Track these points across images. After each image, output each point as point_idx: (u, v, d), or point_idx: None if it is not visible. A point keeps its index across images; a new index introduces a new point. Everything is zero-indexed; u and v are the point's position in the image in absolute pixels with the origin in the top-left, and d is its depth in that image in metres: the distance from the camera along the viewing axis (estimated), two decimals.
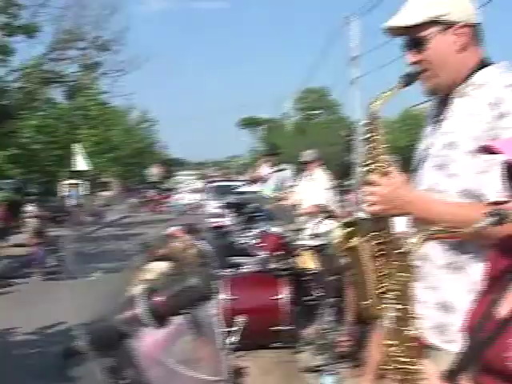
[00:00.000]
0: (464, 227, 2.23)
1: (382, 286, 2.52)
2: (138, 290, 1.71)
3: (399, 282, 1.74)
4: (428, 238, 1.68)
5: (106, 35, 22.83)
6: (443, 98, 2.57)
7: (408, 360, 1.74)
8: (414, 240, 1.67)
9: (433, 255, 2.48)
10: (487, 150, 1.76)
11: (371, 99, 2.47)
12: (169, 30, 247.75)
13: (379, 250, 2.51)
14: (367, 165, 2.47)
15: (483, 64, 2.48)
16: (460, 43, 2.45)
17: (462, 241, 2.39)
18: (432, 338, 2.47)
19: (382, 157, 2.44)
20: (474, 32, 2.48)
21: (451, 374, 1.88)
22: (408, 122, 39.81)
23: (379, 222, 2.48)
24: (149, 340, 1.96)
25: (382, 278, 2.52)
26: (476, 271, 2.34)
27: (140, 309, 1.64)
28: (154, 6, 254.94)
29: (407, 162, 2.83)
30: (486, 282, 1.93)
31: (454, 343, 2.28)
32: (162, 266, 3.49)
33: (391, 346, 1.79)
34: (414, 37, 2.48)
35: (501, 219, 1.61)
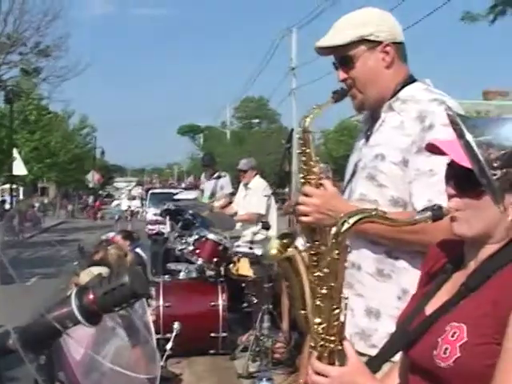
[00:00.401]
0: (395, 237, 2.31)
1: (318, 296, 2.54)
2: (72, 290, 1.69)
3: (330, 261, 1.76)
4: (362, 220, 1.68)
5: (47, 41, 22.42)
6: (373, 112, 2.66)
7: (332, 338, 1.77)
8: (349, 220, 1.66)
9: (362, 263, 2.53)
10: (432, 150, 1.82)
11: (303, 115, 2.54)
12: (110, 35, 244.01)
13: (314, 261, 2.50)
14: (301, 178, 2.53)
15: (409, 80, 2.59)
16: (387, 60, 2.55)
17: (390, 249, 2.46)
18: (356, 344, 2.42)
19: (314, 169, 2.50)
20: (399, 50, 2.58)
21: (375, 362, 1.94)
22: (344, 133, 40.23)
23: (314, 233, 2.50)
24: (82, 339, 1.94)
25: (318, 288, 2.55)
26: (404, 279, 2.43)
27: (72, 306, 1.62)
28: (97, 11, 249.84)
29: (342, 170, 2.90)
30: (424, 278, 1.98)
31: (374, 348, 2.33)
32: (98, 271, 3.48)
33: (318, 324, 1.82)
34: (342, 55, 2.57)
35: (440, 213, 1.67)
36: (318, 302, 1.86)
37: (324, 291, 1.82)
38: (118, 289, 1.62)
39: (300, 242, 2.55)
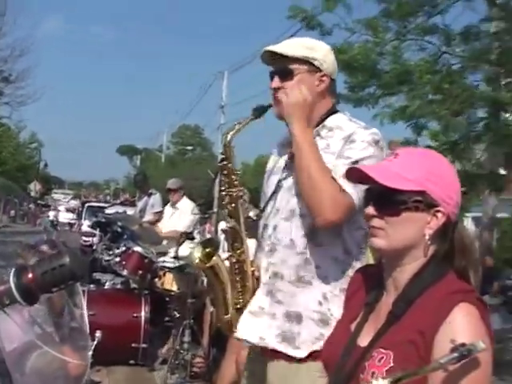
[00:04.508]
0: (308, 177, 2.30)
1: (240, 301, 2.53)
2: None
3: None
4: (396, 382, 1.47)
5: (13, 71, 24.22)
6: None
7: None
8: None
9: (285, 272, 2.45)
10: (355, 175, 1.80)
11: (225, 130, 2.54)
12: (56, 56, 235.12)
13: (236, 269, 2.53)
14: (222, 190, 2.52)
15: (333, 110, 2.57)
16: (320, 87, 2.52)
17: (309, 257, 2.41)
18: (279, 346, 2.41)
19: (235, 183, 2.50)
20: (332, 85, 2.57)
21: None
22: (258, 168, 41.02)
23: (234, 242, 2.51)
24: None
25: (240, 294, 2.54)
26: (324, 285, 2.39)
27: (10, 283, 1.54)
28: (51, 26, 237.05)
29: (254, 199, 2.90)
30: (347, 303, 1.96)
31: (299, 350, 2.36)
32: None
33: None
34: (285, 66, 2.50)
35: (466, 354, 1.44)
36: None
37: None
38: (58, 269, 1.54)
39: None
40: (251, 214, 2.89)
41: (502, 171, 11.13)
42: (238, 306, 2.53)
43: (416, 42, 8.47)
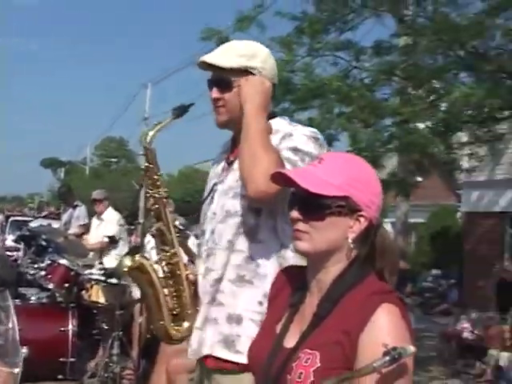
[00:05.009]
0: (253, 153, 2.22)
1: (175, 306, 2.46)
2: None
3: None
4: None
5: None
6: (234, 140, 2.52)
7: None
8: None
9: (224, 274, 2.36)
10: (280, 179, 1.80)
11: (144, 131, 2.47)
12: None
13: (168, 272, 2.45)
14: (147, 192, 2.46)
15: (272, 115, 2.47)
16: None
17: (249, 256, 2.34)
18: (220, 352, 2.31)
19: (157, 183, 2.45)
20: (273, 90, 2.48)
21: None
22: (183, 179, 40.61)
23: (164, 245, 2.44)
24: None
25: (174, 298, 2.46)
26: (265, 284, 2.27)
27: None
28: None
29: (181, 208, 2.81)
30: (271, 304, 1.95)
31: (240, 355, 2.20)
32: None
33: None
34: (222, 77, 2.42)
35: (397, 357, 1.48)
36: None
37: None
38: None
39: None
40: (177, 223, 2.92)
41: (419, 178, 11.56)
42: (174, 312, 2.46)
43: (327, 57, 8.69)
